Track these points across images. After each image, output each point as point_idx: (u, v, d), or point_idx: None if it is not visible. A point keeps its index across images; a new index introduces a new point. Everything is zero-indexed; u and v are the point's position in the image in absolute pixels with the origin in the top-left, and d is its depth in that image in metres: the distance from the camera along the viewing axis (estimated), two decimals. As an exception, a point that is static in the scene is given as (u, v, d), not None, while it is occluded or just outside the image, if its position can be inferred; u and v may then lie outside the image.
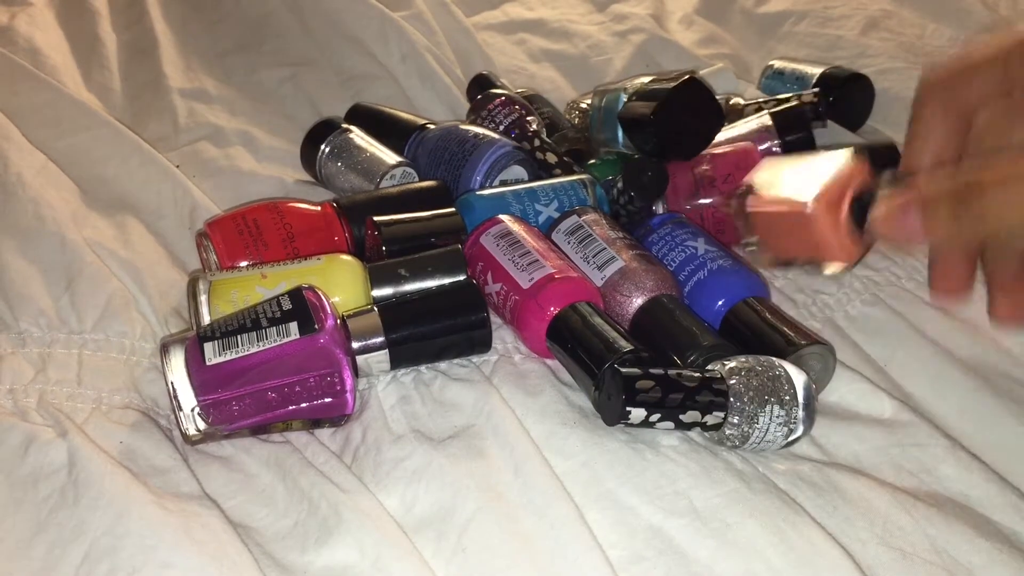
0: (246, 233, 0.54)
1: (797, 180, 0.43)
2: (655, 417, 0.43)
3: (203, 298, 0.49)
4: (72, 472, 0.42)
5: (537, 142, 0.65)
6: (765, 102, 0.71)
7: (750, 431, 0.43)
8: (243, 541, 0.40)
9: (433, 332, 0.49)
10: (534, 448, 0.43)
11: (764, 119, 0.66)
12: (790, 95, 0.72)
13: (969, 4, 0.96)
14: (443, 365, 0.50)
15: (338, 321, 0.46)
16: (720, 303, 0.51)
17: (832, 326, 0.54)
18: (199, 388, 0.43)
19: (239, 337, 0.44)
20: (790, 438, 0.44)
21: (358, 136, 0.67)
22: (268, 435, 0.46)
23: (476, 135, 0.63)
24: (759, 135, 0.65)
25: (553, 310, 0.48)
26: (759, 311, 0.50)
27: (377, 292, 0.51)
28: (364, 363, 0.48)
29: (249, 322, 0.44)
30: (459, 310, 0.49)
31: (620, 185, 0.59)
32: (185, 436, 0.44)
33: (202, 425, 0.44)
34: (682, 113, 0.59)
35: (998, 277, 0.40)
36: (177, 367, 0.44)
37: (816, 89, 0.73)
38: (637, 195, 0.58)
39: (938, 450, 0.45)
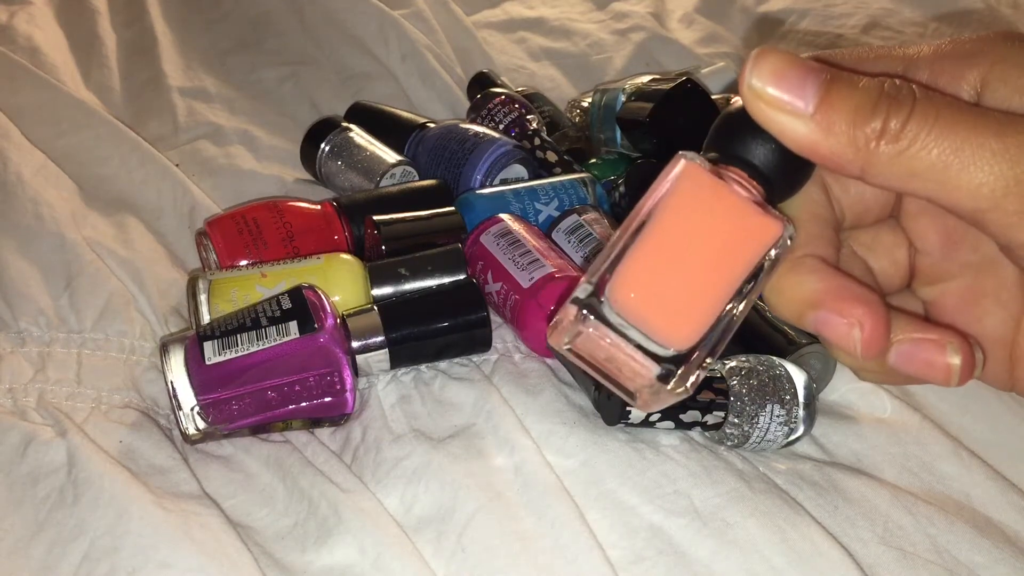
0: (246, 232, 0.54)
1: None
2: (655, 416, 0.43)
3: (203, 297, 0.49)
4: (71, 472, 0.42)
5: (537, 141, 0.65)
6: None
7: (750, 431, 0.43)
8: (243, 541, 0.40)
9: (433, 331, 0.48)
10: (534, 448, 0.43)
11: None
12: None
13: (970, 3, 0.96)
14: (443, 364, 0.50)
15: (338, 320, 0.46)
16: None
17: (833, 325, 0.54)
18: (199, 387, 0.43)
19: (239, 336, 0.44)
20: (791, 437, 0.44)
21: (358, 135, 0.66)
22: (268, 434, 0.46)
23: (476, 134, 0.63)
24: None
25: (553, 309, 0.48)
26: (759, 310, 0.50)
27: (377, 291, 0.51)
28: (364, 362, 0.48)
29: (249, 321, 0.44)
30: (459, 309, 0.49)
31: (622, 189, 0.59)
32: (185, 435, 0.44)
33: (202, 424, 0.44)
34: (678, 115, 0.59)
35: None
36: (177, 366, 0.44)
37: None
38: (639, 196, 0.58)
39: (939, 449, 0.45)
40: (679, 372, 0.24)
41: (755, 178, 0.25)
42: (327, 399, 0.45)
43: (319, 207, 0.58)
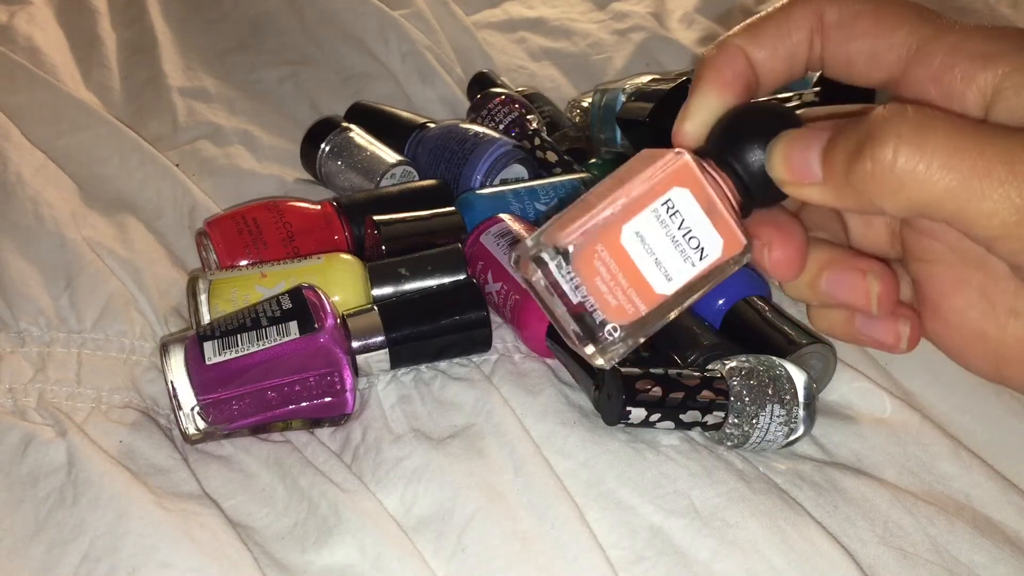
0: (246, 232, 0.54)
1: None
2: (655, 417, 0.43)
3: (203, 297, 0.49)
4: (71, 472, 0.42)
5: (537, 141, 0.65)
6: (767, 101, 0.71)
7: (750, 431, 0.43)
8: (242, 541, 0.40)
9: (433, 331, 0.48)
10: (534, 448, 0.43)
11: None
12: (791, 94, 0.72)
13: (970, 2, 0.95)
14: (443, 364, 0.50)
15: (338, 320, 0.46)
16: (720, 302, 0.51)
17: (833, 325, 0.54)
18: (199, 387, 0.43)
19: (239, 336, 0.44)
20: (791, 437, 0.44)
21: (358, 135, 0.66)
22: (268, 434, 0.46)
23: (476, 134, 0.63)
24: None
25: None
26: (760, 310, 0.50)
27: (377, 291, 0.51)
28: (364, 362, 0.48)
29: (249, 321, 0.44)
30: (459, 309, 0.49)
31: None
32: (185, 435, 0.44)
33: (202, 424, 0.44)
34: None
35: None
36: (177, 366, 0.44)
37: (817, 88, 0.73)
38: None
39: (939, 449, 0.45)
40: (600, 340, 0.27)
41: (740, 191, 0.28)
42: (327, 399, 0.45)
43: (319, 207, 0.58)
